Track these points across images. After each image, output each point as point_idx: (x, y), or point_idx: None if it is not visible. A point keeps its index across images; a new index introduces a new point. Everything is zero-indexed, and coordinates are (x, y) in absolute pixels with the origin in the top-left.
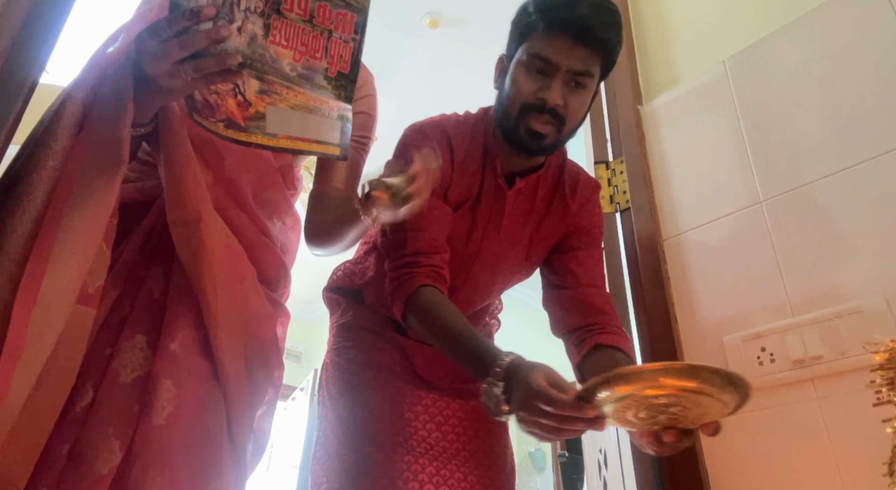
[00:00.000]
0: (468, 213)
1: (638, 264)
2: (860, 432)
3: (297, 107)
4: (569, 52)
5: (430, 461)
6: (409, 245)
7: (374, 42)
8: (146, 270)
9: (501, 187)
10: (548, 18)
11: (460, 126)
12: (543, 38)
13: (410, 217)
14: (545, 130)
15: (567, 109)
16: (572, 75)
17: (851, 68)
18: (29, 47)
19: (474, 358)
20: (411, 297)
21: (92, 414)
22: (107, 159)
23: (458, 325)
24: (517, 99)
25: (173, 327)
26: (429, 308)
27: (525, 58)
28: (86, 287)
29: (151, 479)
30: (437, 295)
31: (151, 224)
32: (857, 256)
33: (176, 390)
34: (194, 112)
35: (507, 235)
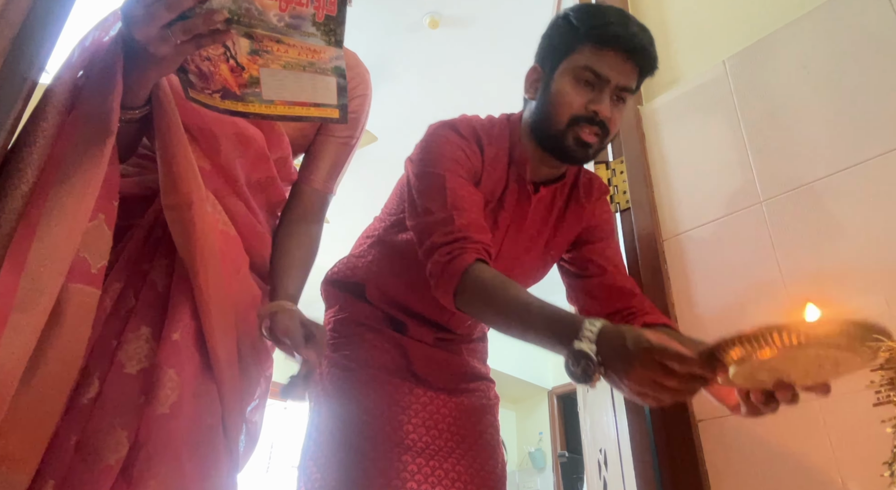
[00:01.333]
0: (490, 216)
1: (638, 264)
2: (860, 432)
3: (290, 65)
4: (620, 67)
5: (427, 460)
6: (455, 221)
7: (374, 42)
8: (150, 263)
9: (528, 193)
10: (600, 33)
11: (488, 128)
12: (594, 51)
13: (451, 197)
14: (592, 141)
15: (612, 123)
16: (619, 90)
17: (851, 68)
18: (29, 47)
19: (554, 323)
20: (468, 271)
21: (98, 405)
22: (95, 131)
23: (526, 295)
24: (566, 110)
25: (175, 318)
26: (490, 280)
27: (574, 70)
28: (87, 266)
29: (156, 467)
30: (494, 270)
31: (154, 217)
32: (857, 256)
33: (179, 379)
34: (190, 89)
35: (525, 240)
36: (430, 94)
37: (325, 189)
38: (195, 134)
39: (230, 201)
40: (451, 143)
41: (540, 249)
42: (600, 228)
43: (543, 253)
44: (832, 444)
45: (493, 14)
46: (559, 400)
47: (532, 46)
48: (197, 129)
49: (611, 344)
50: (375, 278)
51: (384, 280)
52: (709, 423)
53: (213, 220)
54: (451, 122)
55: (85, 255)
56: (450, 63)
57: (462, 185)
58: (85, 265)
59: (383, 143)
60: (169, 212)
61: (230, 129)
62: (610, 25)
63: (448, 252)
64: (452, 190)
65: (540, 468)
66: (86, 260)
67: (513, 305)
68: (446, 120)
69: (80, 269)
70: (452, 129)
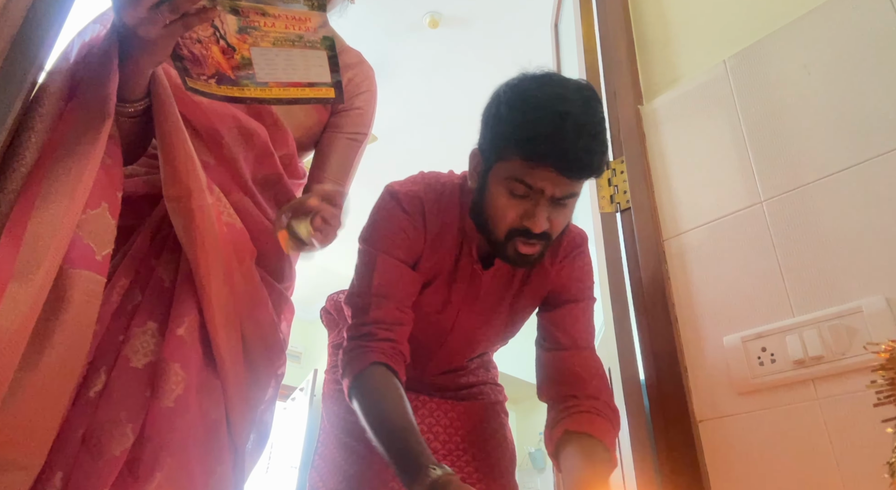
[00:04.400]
0: (443, 288)
1: (638, 264)
2: (861, 432)
3: (279, 41)
4: (554, 181)
5: None
6: (371, 312)
7: (375, 42)
8: (156, 259)
9: (477, 271)
10: (528, 149)
11: (436, 197)
12: (524, 166)
13: (377, 281)
14: (532, 251)
15: (553, 228)
16: (557, 199)
17: (852, 68)
18: (29, 47)
19: (403, 458)
20: (359, 376)
21: (104, 398)
22: (93, 115)
23: (395, 417)
24: (501, 223)
25: (180, 312)
26: (370, 391)
27: (504, 181)
28: (92, 253)
29: (163, 459)
30: (385, 378)
31: (161, 215)
32: (858, 256)
33: (184, 374)
34: (188, 78)
35: (482, 311)
36: (430, 93)
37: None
38: (197, 128)
39: (236, 197)
40: (392, 219)
41: (504, 317)
42: (566, 290)
43: (508, 319)
44: (832, 444)
45: (493, 14)
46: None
47: (532, 47)
48: (199, 123)
49: None
50: None
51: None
52: (709, 423)
53: (216, 211)
54: (396, 193)
55: (89, 241)
56: (450, 63)
57: (392, 266)
58: (89, 252)
59: (383, 143)
60: (170, 203)
61: (232, 123)
62: (541, 141)
63: (352, 349)
64: (380, 272)
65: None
66: (90, 247)
67: (380, 423)
68: (395, 187)
69: (85, 256)
70: (397, 203)
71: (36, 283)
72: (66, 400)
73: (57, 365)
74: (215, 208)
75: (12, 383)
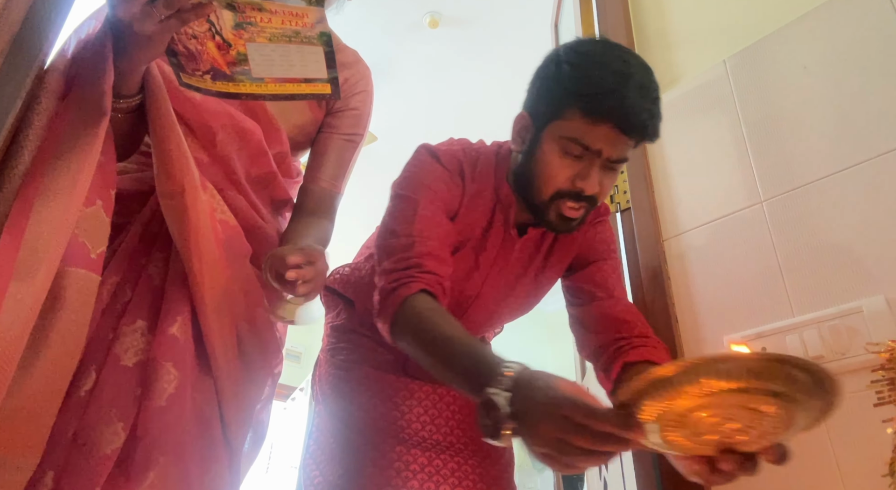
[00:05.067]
0: (471, 255)
1: (638, 264)
2: (861, 432)
3: (276, 37)
4: (613, 140)
5: (423, 451)
6: (415, 247)
7: (374, 42)
8: (147, 257)
9: (512, 237)
10: (591, 105)
11: (472, 160)
12: (584, 123)
13: (419, 223)
14: (576, 215)
15: (601, 193)
16: (612, 162)
17: (852, 68)
18: (29, 47)
19: (473, 363)
20: (407, 301)
21: (95, 397)
22: (89, 113)
23: (456, 331)
24: (551, 183)
25: (172, 311)
26: (424, 312)
27: (560, 140)
28: (87, 251)
29: (155, 459)
30: (436, 303)
31: (151, 213)
32: (857, 256)
33: (177, 372)
34: (182, 74)
35: (509, 281)
36: (430, 93)
37: (333, 187)
38: (191, 126)
39: (230, 194)
40: (432, 171)
41: (527, 286)
42: (594, 251)
43: (532, 289)
44: (832, 444)
45: (493, 14)
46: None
47: (532, 47)
48: (193, 120)
49: (523, 393)
50: (364, 296)
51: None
52: None
53: (209, 207)
54: (435, 150)
55: (84, 240)
56: (450, 63)
57: (434, 213)
58: (84, 250)
59: (383, 143)
60: (163, 199)
61: (226, 121)
62: (605, 96)
63: (395, 279)
64: (422, 216)
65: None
66: (85, 245)
67: (438, 341)
68: (431, 145)
69: (80, 254)
70: (435, 158)
71: (37, 282)
72: (60, 399)
73: (52, 364)
74: (209, 205)
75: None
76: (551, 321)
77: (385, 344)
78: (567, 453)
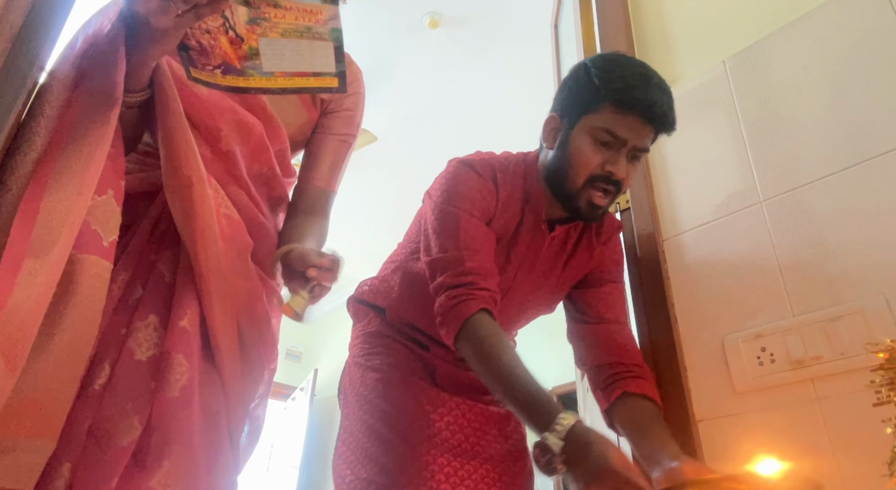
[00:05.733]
0: (503, 251)
1: (638, 264)
2: (860, 432)
3: (288, 32)
4: (638, 131)
5: (454, 457)
6: (465, 263)
7: (374, 42)
8: (156, 254)
9: (542, 232)
10: (620, 97)
11: (503, 165)
12: (614, 114)
13: (464, 237)
14: (604, 203)
15: (626, 181)
16: (636, 151)
17: (852, 68)
18: (29, 47)
19: (531, 407)
20: (469, 321)
21: (110, 391)
22: (101, 102)
23: (515, 365)
24: (584, 169)
25: (182, 305)
26: (487, 337)
27: (592, 130)
28: (99, 239)
29: (169, 448)
30: (495, 325)
31: (158, 212)
32: (857, 256)
33: (188, 364)
34: (192, 68)
35: (538, 276)
36: (430, 94)
37: (328, 186)
38: (195, 122)
39: (232, 189)
40: (468, 182)
41: (552, 285)
42: (608, 271)
43: (553, 288)
44: (832, 443)
45: (493, 14)
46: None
47: (532, 47)
48: (198, 117)
49: (576, 447)
50: (396, 305)
51: (404, 308)
52: (709, 423)
53: (215, 202)
54: (469, 161)
55: (97, 227)
56: (450, 63)
57: (475, 225)
58: (97, 238)
59: (383, 142)
60: (170, 193)
61: (230, 116)
62: (632, 89)
63: (455, 296)
64: (466, 230)
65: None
66: (97, 233)
67: (501, 373)
68: (465, 158)
69: (93, 242)
70: (471, 168)
71: (51, 259)
72: (75, 385)
73: (67, 349)
74: (214, 200)
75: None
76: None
77: (416, 351)
78: None
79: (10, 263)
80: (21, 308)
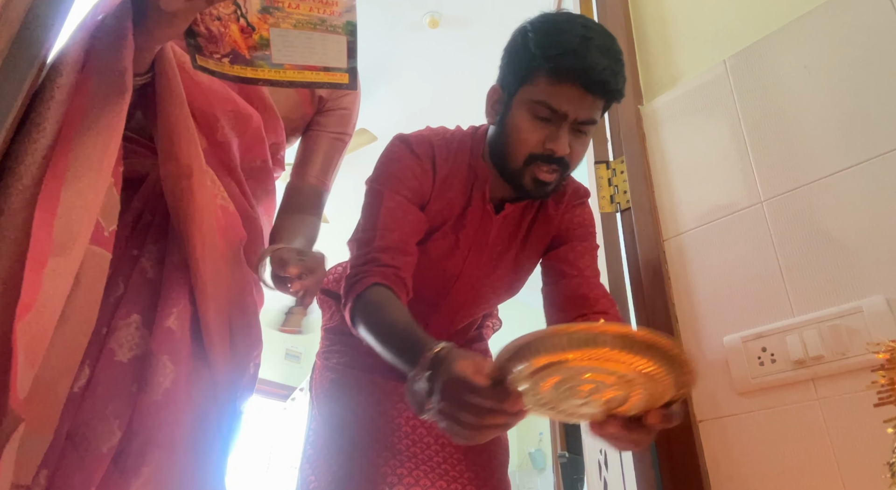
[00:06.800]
0: (450, 234)
1: (638, 264)
2: (861, 433)
3: (301, 23)
4: (578, 102)
5: (417, 465)
6: (375, 242)
7: (375, 42)
8: (139, 249)
9: (489, 213)
10: (555, 65)
11: (446, 143)
12: (549, 85)
13: (383, 216)
14: (550, 179)
15: (573, 156)
16: (579, 124)
17: (852, 68)
18: (29, 47)
19: (406, 348)
20: (361, 294)
21: (89, 393)
22: (111, 89)
23: (397, 318)
24: (523, 148)
25: (168, 303)
26: (373, 303)
27: (529, 104)
28: (101, 228)
29: (150, 454)
30: (387, 294)
31: (143, 202)
32: (858, 256)
33: (173, 366)
34: (198, 55)
35: (490, 258)
36: (430, 93)
37: (321, 184)
38: (193, 110)
39: (225, 181)
40: (401, 160)
41: (509, 266)
42: (569, 232)
43: (514, 268)
44: (832, 444)
45: (493, 14)
46: None
47: None
48: (196, 106)
49: (436, 374)
50: None
51: None
52: (709, 423)
53: (212, 193)
54: (406, 138)
55: (99, 217)
56: (450, 63)
57: (398, 204)
58: (99, 228)
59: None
60: (167, 181)
61: (228, 107)
62: (567, 55)
63: (355, 274)
64: (387, 209)
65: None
66: (99, 222)
67: (383, 326)
68: (405, 134)
69: (97, 231)
70: (406, 146)
71: (72, 256)
72: (72, 376)
73: (69, 340)
74: (211, 190)
75: None
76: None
77: None
78: (464, 427)
79: (36, 262)
80: (47, 307)
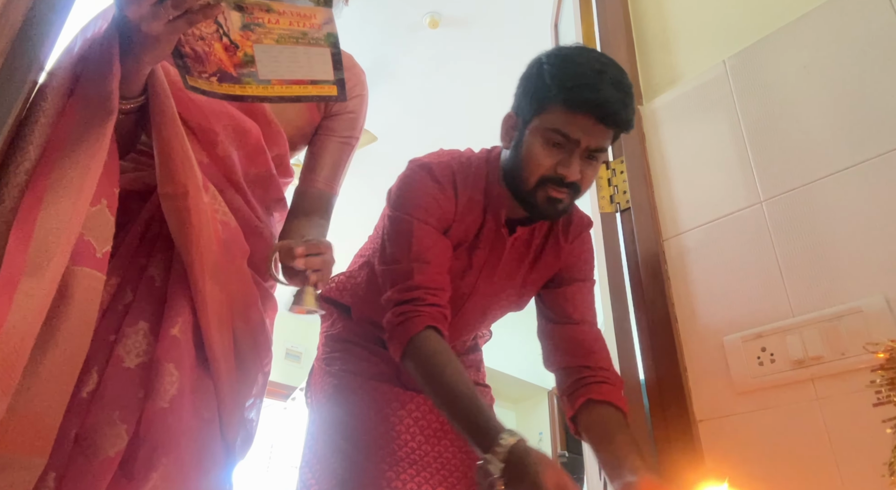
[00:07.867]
0: (464, 255)
1: (638, 264)
2: (861, 433)
3: (283, 38)
4: (590, 131)
5: (418, 472)
6: (414, 277)
7: (374, 42)
8: (147, 258)
9: (502, 235)
10: (570, 97)
11: (464, 167)
12: (564, 114)
13: (416, 247)
14: (562, 197)
15: (583, 182)
16: (591, 151)
17: (852, 68)
18: (29, 47)
19: (473, 427)
20: (414, 339)
21: (97, 399)
22: (96, 112)
23: (460, 384)
24: (535, 171)
25: (173, 312)
26: (431, 356)
27: (543, 131)
28: (92, 250)
29: (158, 460)
30: (441, 342)
31: (151, 213)
32: (857, 256)
33: (178, 374)
34: (188, 76)
35: (501, 278)
36: (430, 94)
37: (329, 189)
38: (192, 127)
39: (229, 194)
40: (424, 188)
41: (516, 287)
42: (577, 269)
43: (520, 289)
44: (831, 443)
45: (493, 14)
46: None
47: (532, 46)
48: (194, 122)
49: (515, 468)
50: (361, 303)
51: (369, 306)
52: (709, 423)
53: (211, 209)
54: (427, 164)
55: (90, 238)
56: (450, 63)
57: (429, 234)
58: (90, 249)
59: (383, 142)
60: (165, 201)
61: (227, 121)
62: (582, 89)
63: (401, 313)
64: (418, 239)
65: None
66: (90, 244)
67: (445, 392)
68: (424, 160)
69: (86, 253)
70: (428, 173)
71: (47, 278)
72: (66, 399)
73: (59, 364)
74: (210, 207)
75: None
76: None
77: (379, 354)
78: None
79: (7, 283)
80: (17, 329)
